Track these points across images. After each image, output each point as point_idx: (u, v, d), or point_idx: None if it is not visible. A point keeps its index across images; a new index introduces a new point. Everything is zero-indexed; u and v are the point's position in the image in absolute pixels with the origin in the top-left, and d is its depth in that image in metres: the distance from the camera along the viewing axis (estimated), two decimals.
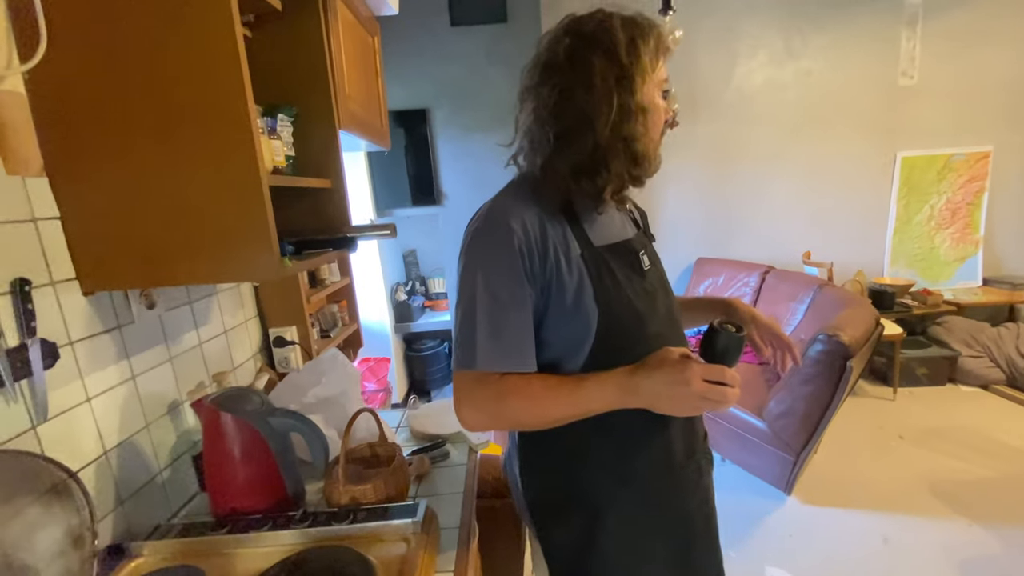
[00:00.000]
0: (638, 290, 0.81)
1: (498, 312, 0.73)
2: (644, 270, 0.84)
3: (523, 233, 0.73)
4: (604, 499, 0.82)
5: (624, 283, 0.79)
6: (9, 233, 0.75)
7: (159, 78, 0.78)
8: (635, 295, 0.80)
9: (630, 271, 0.81)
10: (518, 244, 0.72)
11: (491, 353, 0.72)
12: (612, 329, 0.76)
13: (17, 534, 0.72)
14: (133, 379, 0.96)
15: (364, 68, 1.43)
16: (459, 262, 0.78)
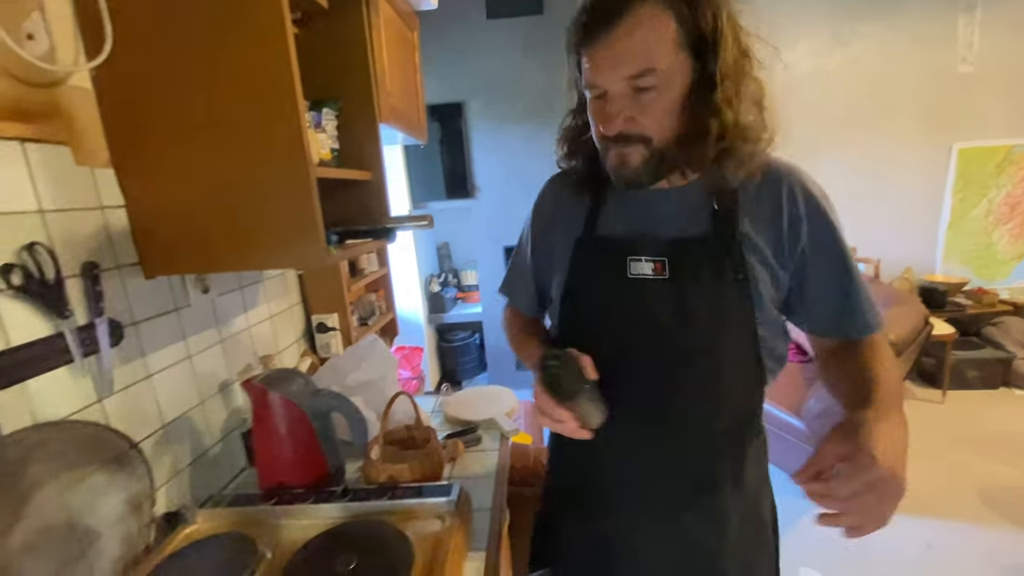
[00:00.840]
0: (612, 294, 0.75)
1: (514, 254, 0.95)
2: (629, 276, 0.73)
3: (541, 201, 0.89)
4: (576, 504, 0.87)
5: (599, 281, 0.76)
6: (80, 219, 0.81)
7: (215, 75, 0.82)
8: (605, 298, 0.76)
9: (610, 271, 0.75)
10: (536, 207, 0.89)
11: (503, 282, 0.97)
12: (568, 320, 0.82)
13: (83, 499, 0.79)
14: (189, 359, 1.02)
15: (404, 63, 1.46)
16: None
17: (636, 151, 0.66)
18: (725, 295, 0.70)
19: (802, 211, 0.70)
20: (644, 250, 0.73)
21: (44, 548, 0.72)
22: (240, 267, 0.92)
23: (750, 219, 0.70)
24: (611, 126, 0.65)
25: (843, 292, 0.71)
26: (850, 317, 0.72)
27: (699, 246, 0.71)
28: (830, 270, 0.71)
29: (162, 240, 0.90)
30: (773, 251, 0.70)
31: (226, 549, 0.80)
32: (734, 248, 0.69)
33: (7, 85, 0.72)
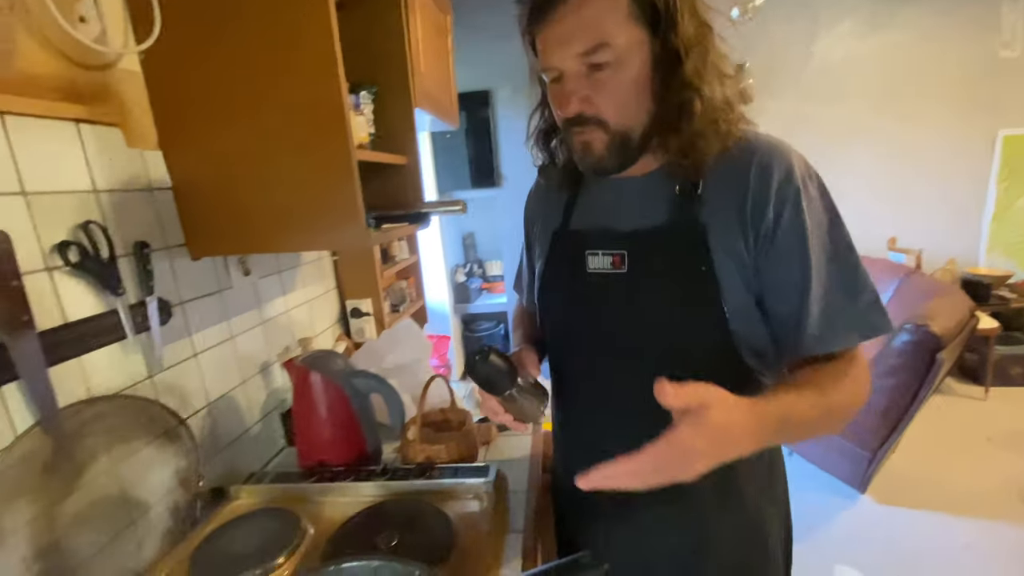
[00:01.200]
0: (572, 290, 0.74)
1: (521, 250, 0.95)
2: (588, 271, 0.71)
3: (529, 196, 0.89)
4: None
5: (562, 277, 0.76)
6: (131, 200, 0.83)
7: (260, 56, 0.83)
8: (567, 294, 0.75)
9: (571, 266, 0.73)
10: (526, 203, 0.90)
11: (514, 278, 0.99)
12: (544, 316, 0.82)
13: (134, 472, 0.81)
14: (232, 339, 1.04)
15: (437, 47, 1.45)
16: None
17: (596, 136, 0.63)
18: (686, 288, 0.64)
19: (771, 191, 0.61)
20: (602, 243, 0.70)
21: (97, 518, 0.74)
22: (283, 248, 0.93)
23: (715, 204, 0.63)
24: (567, 107, 0.62)
25: (797, 292, 0.61)
26: (795, 329, 0.62)
27: (657, 237, 0.66)
28: (787, 263, 0.61)
29: (207, 221, 0.91)
30: (740, 237, 0.63)
31: (271, 523, 0.82)
32: (694, 237, 0.63)
33: (62, 67, 0.73)
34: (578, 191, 0.77)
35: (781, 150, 0.63)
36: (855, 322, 0.61)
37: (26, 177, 0.67)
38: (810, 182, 0.62)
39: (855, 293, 0.61)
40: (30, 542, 0.65)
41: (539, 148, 0.78)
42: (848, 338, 0.61)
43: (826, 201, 0.63)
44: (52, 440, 0.68)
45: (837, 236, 0.62)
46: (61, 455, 0.70)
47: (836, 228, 0.62)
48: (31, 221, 0.67)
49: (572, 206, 0.77)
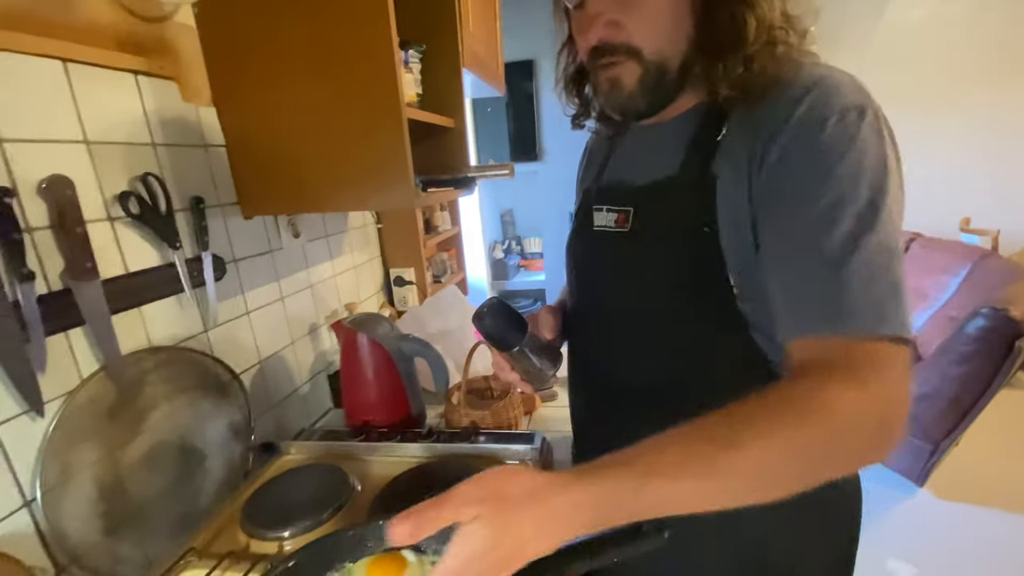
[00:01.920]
0: (578, 248, 0.70)
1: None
2: (594, 228, 0.64)
3: (583, 153, 0.80)
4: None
5: (573, 234, 0.71)
6: (186, 155, 0.84)
7: (312, 10, 0.81)
8: (574, 253, 0.71)
9: (580, 223, 0.69)
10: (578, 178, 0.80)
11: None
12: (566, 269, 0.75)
13: (192, 421, 0.83)
14: (282, 300, 1.06)
15: (485, 6, 1.41)
16: None
17: (627, 69, 0.53)
18: (688, 252, 0.54)
19: (789, 122, 0.47)
20: (610, 199, 0.63)
21: (157, 464, 0.77)
22: (332, 207, 0.92)
23: (732, 150, 0.52)
24: (590, 33, 0.52)
25: (783, 266, 0.47)
26: (794, 310, 0.46)
27: (663, 191, 0.57)
28: (783, 227, 0.47)
29: (259, 180, 0.91)
30: (744, 186, 0.51)
31: (320, 478, 0.83)
32: (701, 191, 0.53)
33: (121, 17, 0.74)
34: (616, 143, 0.69)
35: (829, 80, 0.48)
36: (870, 306, 0.43)
37: (88, 126, 0.68)
38: (855, 117, 0.46)
39: (878, 274, 0.43)
40: (95, 483, 0.67)
41: (569, 95, 0.68)
42: (854, 319, 0.42)
43: (879, 151, 0.45)
44: (115, 386, 0.70)
45: (876, 198, 0.44)
46: (123, 401, 0.72)
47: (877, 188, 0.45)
48: (93, 170, 0.68)
49: (607, 160, 0.70)
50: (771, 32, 0.50)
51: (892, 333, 0.42)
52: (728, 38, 0.50)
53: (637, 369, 0.62)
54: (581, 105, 0.68)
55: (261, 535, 0.72)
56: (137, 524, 0.73)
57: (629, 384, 0.63)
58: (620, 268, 0.62)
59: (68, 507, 0.64)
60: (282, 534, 0.72)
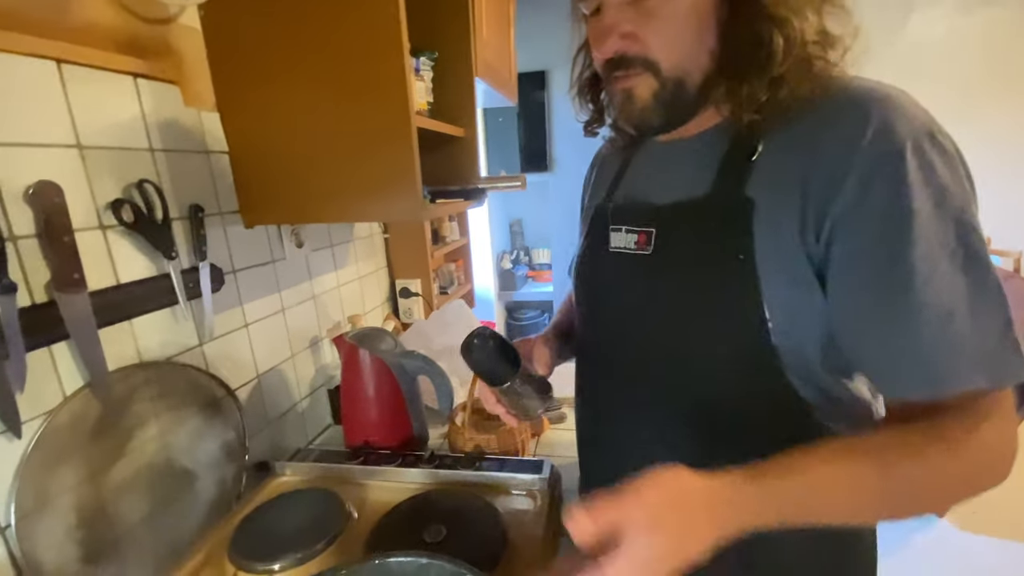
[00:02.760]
0: (592, 270, 0.65)
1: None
2: (610, 250, 0.61)
3: (590, 165, 0.77)
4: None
5: (584, 254, 0.67)
6: (186, 162, 0.80)
7: (321, 15, 0.78)
8: (586, 275, 0.66)
9: (594, 242, 0.64)
10: (587, 173, 0.77)
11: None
12: (575, 301, 0.72)
13: (182, 441, 0.79)
14: (283, 312, 1.02)
15: (500, 14, 1.38)
16: None
17: (642, 82, 0.50)
18: (718, 280, 0.50)
19: (857, 153, 0.43)
20: (629, 218, 0.59)
21: (142, 487, 0.73)
22: (337, 218, 0.89)
23: (772, 172, 0.48)
24: (605, 45, 0.49)
25: (893, 309, 0.43)
26: (888, 362, 0.44)
27: (691, 213, 0.53)
28: (875, 263, 0.43)
29: (263, 188, 0.88)
30: (797, 218, 0.46)
31: (316, 505, 0.78)
32: (735, 214, 0.48)
33: (123, 19, 0.71)
34: (631, 157, 0.65)
35: (887, 98, 0.44)
36: (983, 358, 0.41)
37: (81, 130, 0.64)
38: (930, 146, 0.42)
39: (986, 317, 0.41)
40: (74, 508, 0.63)
41: (583, 101, 0.64)
42: (970, 378, 0.41)
43: (956, 177, 0.42)
44: (100, 403, 0.67)
45: (966, 232, 0.41)
46: (109, 420, 0.68)
47: (965, 221, 0.42)
48: (86, 176, 0.65)
49: (621, 175, 0.65)
50: (804, 49, 0.45)
51: (1012, 383, 0.41)
52: (752, 59, 0.46)
53: (658, 397, 0.58)
54: (595, 112, 0.64)
55: (250, 567, 0.68)
56: (119, 552, 0.68)
57: (648, 411, 0.59)
58: (642, 293, 0.57)
59: (44, 534, 0.60)
60: (272, 567, 0.68)
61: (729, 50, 0.48)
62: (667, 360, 0.56)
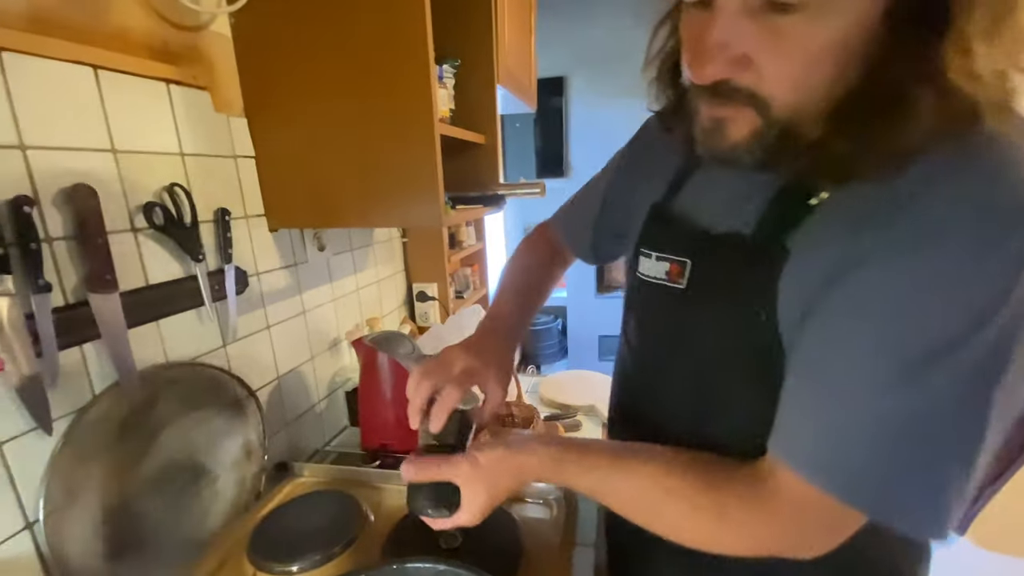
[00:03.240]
0: (628, 293, 0.61)
1: (590, 181, 0.77)
2: (637, 274, 0.57)
3: (645, 133, 0.67)
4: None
5: (626, 272, 0.62)
6: (215, 166, 0.82)
7: (350, 23, 0.80)
8: (626, 295, 0.62)
9: (631, 262, 0.60)
10: (638, 138, 0.68)
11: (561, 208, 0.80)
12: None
13: (205, 440, 0.80)
14: (304, 314, 1.03)
15: (521, 22, 1.39)
16: None
17: (742, 117, 0.39)
18: (744, 335, 0.45)
19: (892, 218, 0.36)
20: (662, 243, 0.53)
21: (166, 485, 0.74)
22: (360, 223, 0.90)
23: (824, 226, 0.41)
24: (703, 67, 0.38)
25: (798, 402, 0.41)
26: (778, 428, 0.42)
27: (728, 250, 0.47)
28: (811, 356, 0.41)
29: (288, 192, 0.90)
30: (817, 282, 0.40)
31: (333, 507, 0.79)
32: (768, 264, 0.43)
33: (156, 25, 0.72)
34: (694, 159, 0.54)
35: (979, 170, 0.35)
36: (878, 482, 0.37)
37: (116, 134, 0.66)
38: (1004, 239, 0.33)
39: (914, 458, 0.36)
40: (100, 504, 0.64)
41: (661, 83, 0.50)
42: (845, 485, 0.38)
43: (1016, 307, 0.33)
44: (128, 403, 0.68)
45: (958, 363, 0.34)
46: (135, 418, 0.69)
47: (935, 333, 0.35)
48: (119, 179, 0.67)
49: (683, 179, 0.56)
50: (973, 93, 0.33)
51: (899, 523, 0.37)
52: (885, 115, 0.35)
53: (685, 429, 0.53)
54: (675, 100, 0.50)
55: (268, 567, 0.69)
56: (141, 549, 0.70)
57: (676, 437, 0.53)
58: (671, 336, 0.53)
59: (71, 530, 0.61)
60: (290, 568, 0.69)
61: (868, 87, 0.36)
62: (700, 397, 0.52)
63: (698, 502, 0.44)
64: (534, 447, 0.50)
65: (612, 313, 3.38)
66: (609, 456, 0.48)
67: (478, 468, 0.49)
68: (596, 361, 3.54)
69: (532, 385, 1.38)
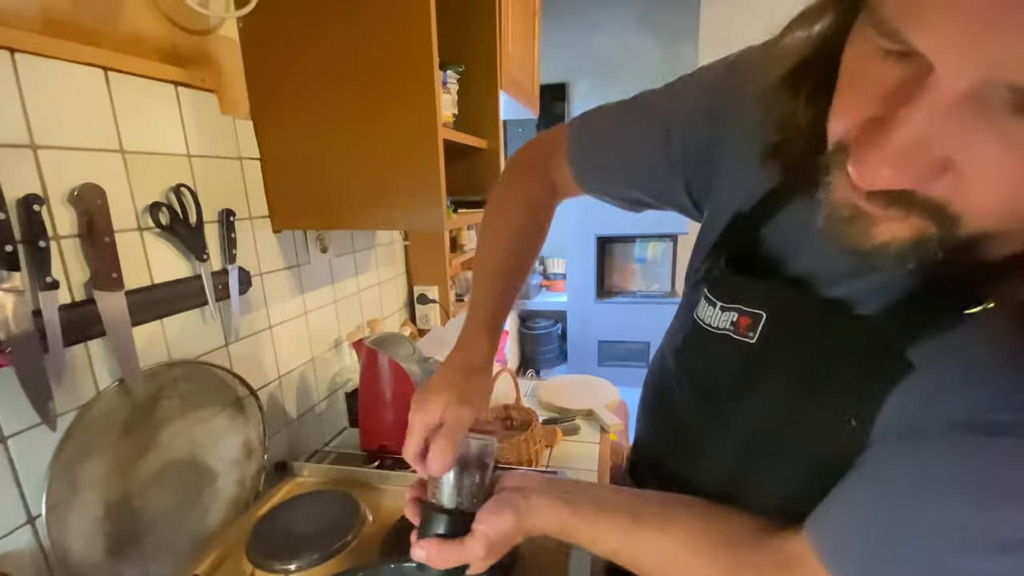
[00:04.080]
0: (683, 327, 0.53)
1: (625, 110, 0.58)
2: (695, 317, 0.50)
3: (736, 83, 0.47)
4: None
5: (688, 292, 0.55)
6: (220, 167, 0.83)
7: (356, 29, 0.81)
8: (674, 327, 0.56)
9: (689, 298, 0.54)
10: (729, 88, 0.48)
11: (580, 120, 0.62)
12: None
13: (206, 438, 0.81)
14: (305, 315, 1.04)
15: (525, 29, 1.40)
16: None
17: (910, 226, 0.28)
18: (813, 427, 0.40)
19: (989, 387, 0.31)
20: (732, 288, 0.46)
21: (167, 482, 0.74)
22: (362, 225, 0.91)
23: (976, 345, 0.33)
24: (878, 168, 0.26)
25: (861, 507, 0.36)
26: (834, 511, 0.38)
27: (832, 323, 0.39)
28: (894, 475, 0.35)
29: (292, 194, 0.91)
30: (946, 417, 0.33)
31: (332, 507, 0.79)
32: (881, 373, 0.35)
33: (166, 29, 0.74)
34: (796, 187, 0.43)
35: None
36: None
37: (125, 135, 0.67)
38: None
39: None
40: (101, 500, 0.65)
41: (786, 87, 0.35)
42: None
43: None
44: (131, 400, 0.69)
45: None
46: (138, 416, 0.70)
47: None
48: (127, 180, 0.68)
49: (776, 196, 0.45)
50: None
51: None
52: None
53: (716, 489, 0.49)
54: (797, 130, 0.35)
55: (267, 566, 0.69)
56: (142, 545, 0.70)
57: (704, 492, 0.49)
58: (731, 385, 0.46)
59: (72, 525, 0.62)
60: (288, 566, 0.69)
61: None
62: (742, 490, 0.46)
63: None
64: (542, 511, 0.46)
65: (612, 319, 3.39)
66: (624, 522, 0.44)
67: (492, 549, 0.46)
68: (595, 366, 3.53)
69: (531, 389, 1.39)
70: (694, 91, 0.52)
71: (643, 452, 0.65)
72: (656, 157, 0.55)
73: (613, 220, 3.08)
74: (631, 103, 0.59)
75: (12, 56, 0.54)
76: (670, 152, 0.53)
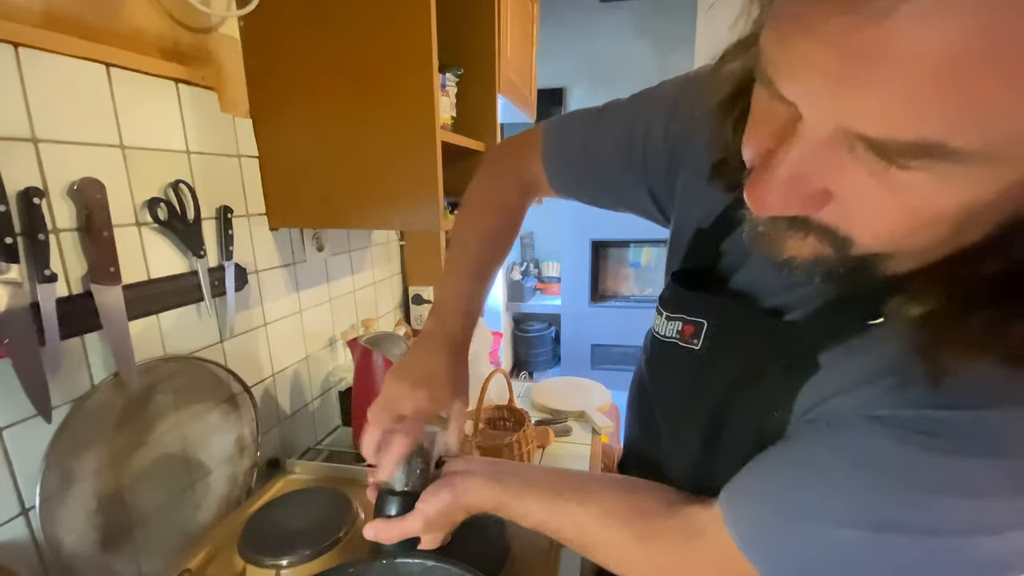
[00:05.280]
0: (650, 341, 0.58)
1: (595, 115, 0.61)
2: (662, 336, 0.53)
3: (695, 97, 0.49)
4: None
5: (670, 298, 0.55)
6: (219, 165, 0.83)
7: (356, 29, 0.82)
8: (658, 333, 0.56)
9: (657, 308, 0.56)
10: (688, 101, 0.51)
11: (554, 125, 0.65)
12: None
13: (199, 434, 0.81)
14: (300, 313, 1.04)
15: (522, 34, 1.42)
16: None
17: (810, 245, 0.31)
18: (747, 416, 0.44)
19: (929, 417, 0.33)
20: (679, 299, 0.51)
21: (160, 477, 0.75)
22: (360, 224, 0.91)
23: (856, 354, 0.37)
24: (762, 196, 0.29)
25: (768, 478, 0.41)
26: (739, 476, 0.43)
27: (767, 323, 0.43)
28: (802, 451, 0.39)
29: (289, 193, 0.91)
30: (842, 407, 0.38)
31: (324, 504, 0.80)
32: (797, 372, 0.40)
33: (168, 26, 0.74)
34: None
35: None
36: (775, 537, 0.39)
37: (125, 131, 0.67)
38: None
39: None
40: (94, 493, 0.65)
41: (721, 125, 0.39)
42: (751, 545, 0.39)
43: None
44: (125, 394, 0.69)
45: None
46: (132, 410, 0.70)
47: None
48: (126, 175, 0.68)
49: (732, 211, 0.47)
50: None
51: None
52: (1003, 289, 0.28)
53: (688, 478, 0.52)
54: (725, 142, 0.39)
55: (258, 561, 0.69)
56: (133, 539, 0.70)
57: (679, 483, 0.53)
58: (684, 387, 0.50)
59: (65, 517, 0.62)
60: (280, 562, 0.69)
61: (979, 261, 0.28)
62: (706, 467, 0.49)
63: (628, 552, 0.46)
64: (476, 489, 0.52)
65: (605, 322, 3.40)
66: (547, 498, 0.50)
67: (430, 524, 0.52)
68: (588, 369, 3.55)
69: (524, 390, 1.40)
70: (655, 106, 0.55)
71: (630, 449, 0.69)
72: (622, 166, 0.58)
73: (608, 225, 3.10)
74: (602, 111, 0.61)
75: (16, 50, 0.55)
76: (634, 163, 0.57)
